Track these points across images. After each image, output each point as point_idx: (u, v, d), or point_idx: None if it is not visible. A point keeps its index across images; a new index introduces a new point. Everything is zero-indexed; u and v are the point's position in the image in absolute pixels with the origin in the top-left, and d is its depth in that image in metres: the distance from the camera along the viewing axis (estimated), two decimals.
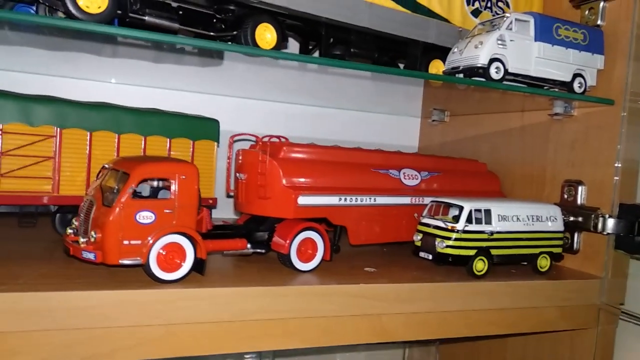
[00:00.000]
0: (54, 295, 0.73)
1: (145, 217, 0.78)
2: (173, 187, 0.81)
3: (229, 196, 1.05)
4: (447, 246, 1.00)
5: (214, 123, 1.11)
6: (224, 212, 1.34)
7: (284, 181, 0.94)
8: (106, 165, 0.87)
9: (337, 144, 1.22)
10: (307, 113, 1.60)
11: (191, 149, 1.08)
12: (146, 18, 0.85)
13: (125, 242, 0.77)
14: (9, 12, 0.83)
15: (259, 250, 0.96)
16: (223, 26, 0.93)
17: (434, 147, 1.75)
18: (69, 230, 0.83)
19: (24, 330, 0.72)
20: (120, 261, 0.77)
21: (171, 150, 1.05)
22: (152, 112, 1.05)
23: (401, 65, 1.25)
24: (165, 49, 1.08)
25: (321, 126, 1.64)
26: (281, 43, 0.94)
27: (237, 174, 0.99)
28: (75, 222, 0.84)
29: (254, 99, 1.50)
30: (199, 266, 0.83)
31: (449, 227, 1.01)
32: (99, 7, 0.76)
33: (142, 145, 1.01)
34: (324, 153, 1.03)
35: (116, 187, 0.78)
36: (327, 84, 1.63)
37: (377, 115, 1.75)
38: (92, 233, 0.76)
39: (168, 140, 1.04)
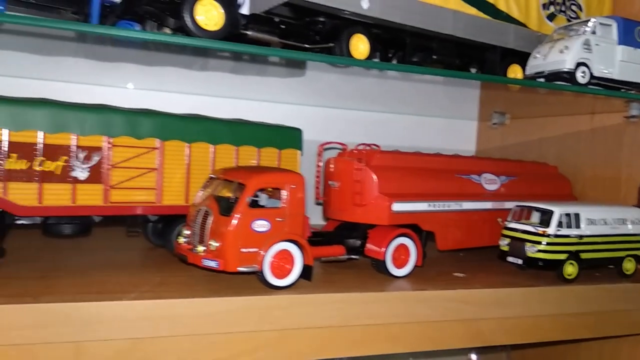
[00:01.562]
0: (179, 302, 0.77)
1: (261, 225, 0.81)
2: (284, 196, 0.83)
3: (318, 203, 1.08)
4: (539, 250, 1.01)
5: (298, 132, 1.13)
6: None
7: (378, 188, 0.96)
8: (213, 176, 0.91)
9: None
10: (363, 119, 1.62)
11: (277, 158, 1.11)
12: (249, 33, 0.87)
13: (243, 250, 0.80)
14: (108, 27, 0.86)
15: (353, 257, 0.98)
16: (318, 38, 0.96)
17: (493, 150, 1.75)
18: (182, 239, 0.86)
19: (155, 336, 0.75)
20: (238, 268, 0.79)
21: (260, 159, 1.08)
22: (243, 122, 1.07)
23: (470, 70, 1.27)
24: (246, 59, 1.11)
25: (378, 132, 1.66)
26: (373, 53, 0.96)
27: (329, 182, 1.01)
28: (186, 231, 0.87)
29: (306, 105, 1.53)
30: (306, 272, 0.86)
31: (540, 232, 1.01)
32: (216, 25, 0.79)
33: (234, 155, 1.04)
34: (412, 160, 1.05)
35: (232, 197, 0.81)
36: (383, 90, 1.65)
37: (433, 119, 1.76)
38: (212, 242, 0.79)
39: (257, 149, 1.07)
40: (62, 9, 0.95)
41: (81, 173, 0.89)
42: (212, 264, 0.78)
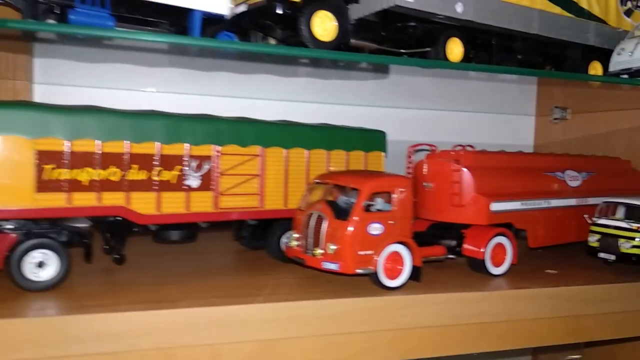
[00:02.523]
0: (305, 304, 0.79)
1: (375, 228, 0.83)
2: (395, 200, 0.86)
3: None
4: (633, 246, 1.01)
5: (382, 134, 1.15)
6: None
7: (476, 189, 0.98)
8: (318, 181, 0.93)
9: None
10: (419, 117, 1.63)
11: (364, 161, 1.13)
12: (353, 40, 0.90)
13: (360, 252, 0.82)
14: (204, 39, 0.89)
15: (450, 256, 1.00)
16: (413, 43, 0.98)
17: (554, 145, 1.74)
18: (294, 243, 0.89)
19: (283, 337, 0.78)
20: (356, 270, 0.82)
21: (348, 162, 1.10)
22: (333, 127, 1.10)
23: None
24: (329, 65, 1.14)
25: (435, 129, 1.67)
26: (468, 56, 0.98)
27: (423, 183, 1.03)
28: (295, 235, 0.90)
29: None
30: (415, 274, 0.88)
31: (634, 228, 1.02)
32: (329, 36, 0.81)
33: (326, 160, 1.07)
34: (504, 159, 1.07)
35: (349, 202, 0.84)
36: (439, 88, 1.66)
37: (489, 115, 1.76)
38: (330, 245, 0.82)
39: (346, 153, 1.10)
40: (161, 22, 0.99)
41: (194, 181, 0.92)
42: (332, 266, 0.81)
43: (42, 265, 0.79)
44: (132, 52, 1.28)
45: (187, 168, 0.91)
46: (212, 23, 0.98)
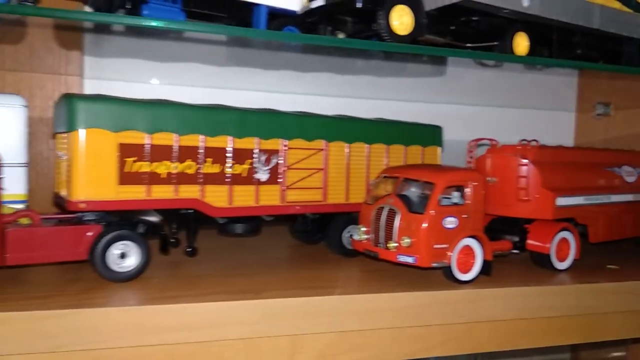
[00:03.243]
0: (381, 296, 0.80)
1: (450, 222, 0.84)
2: (468, 194, 0.86)
3: None
4: None
5: (439, 129, 1.16)
6: None
7: (542, 183, 0.98)
8: (386, 175, 0.94)
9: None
10: (458, 113, 1.62)
11: (421, 155, 1.13)
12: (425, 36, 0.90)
13: (436, 246, 0.83)
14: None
15: (514, 251, 1.00)
16: (478, 37, 0.98)
17: (596, 142, 1.73)
18: (364, 237, 0.90)
19: (361, 329, 0.79)
20: (432, 264, 0.83)
21: (407, 157, 1.11)
22: (391, 122, 1.10)
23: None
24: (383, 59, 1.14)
25: (473, 125, 1.66)
26: (534, 51, 0.98)
27: (487, 178, 1.03)
28: (363, 229, 0.91)
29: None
30: (486, 268, 0.88)
31: None
32: (406, 30, 0.82)
33: (385, 154, 1.08)
34: (567, 154, 1.06)
35: (421, 195, 0.84)
36: (478, 83, 1.65)
37: (528, 111, 1.75)
38: (405, 238, 0.83)
39: (404, 147, 1.10)
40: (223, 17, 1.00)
41: (263, 175, 0.93)
42: (408, 259, 0.82)
43: (124, 256, 0.81)
44: (184, 46, 1.29)
45: (256, 162, 0.93)
46: (275, 17, 1.00)
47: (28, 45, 1.23)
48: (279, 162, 0.94)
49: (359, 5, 0.78)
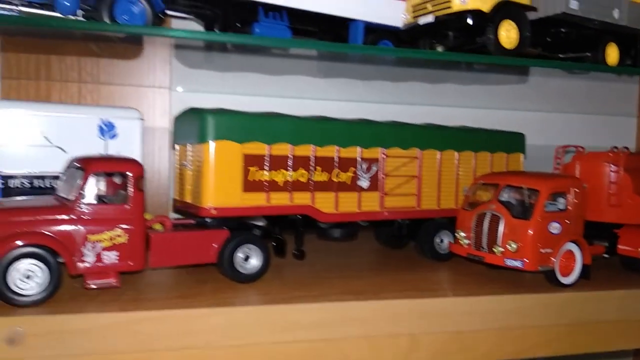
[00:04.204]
0: (492, 299, 0.84)
1: (555, 227, 0.87)
2: (570, 200, 0.90)
3: None
4: None
5: (522, 136, 1.19)
6: None
7: (634, 189, 1.00)
8: (484, 182, 0.98)
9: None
10: (519, 118, 1.64)
11: (505, 162, 1.17)
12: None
13: (542, 250, 0.86)
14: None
15: (605, 255, 1.02)
16: (569, 48, 1.01)
17: None
18: (465, 241, 0.94)
19: (471, 329, 0.83)
20: (539, 268, 0.86)
21: (492, 164, 1.14)
22: (479, 130, 1.14)
23: None
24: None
25: (533, 130, 1.68)
26: (624, 60, 1.01)
27: None
28: (463, 234, 0.95)
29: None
30: (585, 272, 0.91)
31: None
32: (513, 44, 0.86)
33: (473, 161, 1.11)
34: None
35: (526, 201, 0.88)
36: (538, 89, 1.67)
37: (589, 116, 1.76)
38: (511, 244, 0.86)
39: (490, 155, 1.14)
40: (322, 32, 1.05)
41: (364, 182, 0.98)
42: (516, 263, 0.85)
43: (247, 258, 0.87)
44: (266, 60, 1.35)
45: (359, 170, 0.98)
46: (371, 32, 1.05)
47: (121, 59, 1.31)
48: (378, 170, 1.00)
49: (470, 21, 0.82)
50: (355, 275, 0.93)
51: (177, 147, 0.97)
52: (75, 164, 0.78)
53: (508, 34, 0.85)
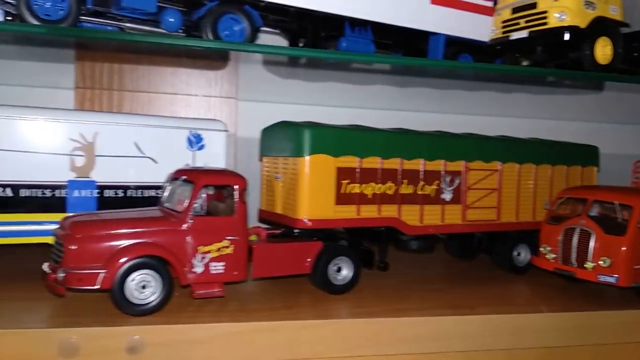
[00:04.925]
0: (587, 315, 0.84)
1: None
2: None
3: None
4: None
5: (596, 149, 1.18)
6: None
7: None
8: (570, 196, 0.97)
9: None
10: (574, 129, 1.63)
11: (580, 175, 1.16)
12: None
13: (635, 266, 0.86)
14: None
15: None
16: None
17: None
18: (551, 256, 0.94)
19: (561, 345, 0.83)
20: (633, 284, 0.86)
21: (568, 177, 1.14)
22: (555, 143, 1.14)
23: None
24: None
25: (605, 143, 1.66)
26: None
27: None
28: (549, 248, 0.95)
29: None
30: None
31: None
32: (606, 60, 0.86)
33: (550, 175, 1.11)
34: None
35: (619, 217, 0.88)
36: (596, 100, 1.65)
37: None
38: (604, 259, 0.86)
39: (566, 168, 1.13)
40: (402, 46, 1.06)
41: (447, 195, 0.98)
42: (609, 279, 0.85)
43: (339, 270, 0.88)
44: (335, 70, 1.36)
45: (443, 183, 0.98)
46: (451, 45, 1.05)
47: (183, 69, 1.34)
48: (461, 182, 1.00)
49: (567, 37, 0.82)
50: (442, 289, 0.94)
51: (264, 159, 0.99)
52: (182, 176, 0.81)
53: (604, 50, 0.85)
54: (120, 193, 0.94)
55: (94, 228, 0.72)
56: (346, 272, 0.88)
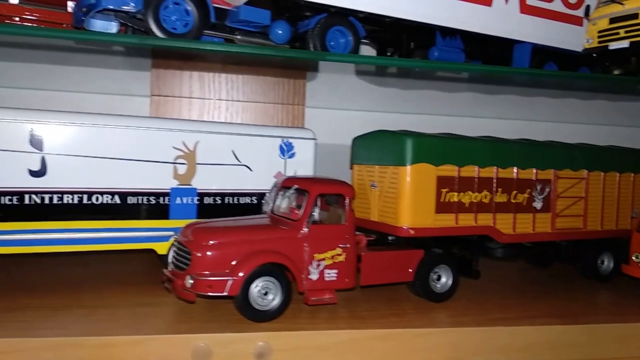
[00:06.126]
0: None
1: None
2: None
3: None
4: None
5: None
6: None
7: None
8: None
9: None
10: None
11: None
12: None
13: None
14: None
15: None
16: None
17: None
18: None
19: None
20: None
21: (635, 184, 1.13)
22: (635, 150, 1.14)
23: None
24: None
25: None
26: None
27: None
28: (639, 257, 0.95)
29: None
30: None
31: None
32: None
33: (632, 182, 1.11)
34: None
35: None
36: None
37: None
38: None
39: (632, 175, 1.12)
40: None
41: (538, 203, 0.99)
42: None
43: (439, 278, 0.89)
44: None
45: (534, 191, 0.98)
46: (537, 53, 1.06)
47: (262, 77, 1.36)
48: (551, 191, 1.00)
49: None
50: (538, 297, 0.94)
51: (355, 166, 1.00)
52: (294, 185, 0.83)
53: None
54: (219, 200, 0.97)
55: (220, 235, 0.74)
56: (445, 280, 0.89)
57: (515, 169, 0.96)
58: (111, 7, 0.70)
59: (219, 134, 0.96)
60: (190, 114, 1.34)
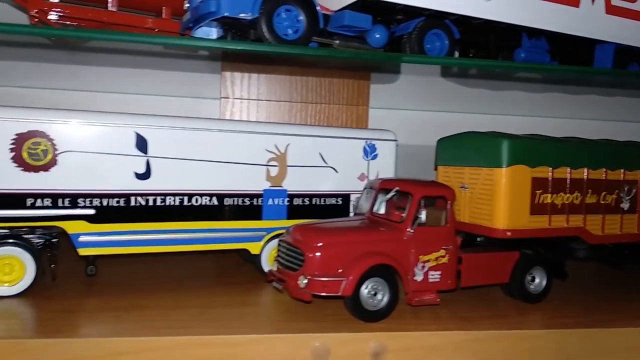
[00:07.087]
0: None
1: None
2: None
3: None
4: None
5: None
6: None
7: None
8: None
9: None
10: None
11: None
12: None
13: None
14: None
15: None
16: None
17: None
18: None
19: None
20: None
21: None
22: None
23: None
24: None
25: None
26: None
27: None
28: None
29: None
30: None
31: None
32: None
33: None
34: None
35: None
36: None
37: None
38: None
39: None
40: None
41: (625, 204, 0.99)
42: None
43: (533, 279, 0.89)
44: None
45: (622, 192, 0.98)
46: (619, 54, 1.05)
47: (327, 79, 1.37)
48: (637, 192, 1.00)
49: None
50: (625, 298, 0.94)
51: (440, 168, 1.01)
52: (394, 187, 0.84)
53: None
54: (307, 201, 0.98)
55: (331, 237, 0.76)
56: (539, 281, 0.89)
57: (604, 170, 0.96)
58: (228, 15, 0.72)
59: (308, 137, 0.98)
60: (258, 116, 1.37)
